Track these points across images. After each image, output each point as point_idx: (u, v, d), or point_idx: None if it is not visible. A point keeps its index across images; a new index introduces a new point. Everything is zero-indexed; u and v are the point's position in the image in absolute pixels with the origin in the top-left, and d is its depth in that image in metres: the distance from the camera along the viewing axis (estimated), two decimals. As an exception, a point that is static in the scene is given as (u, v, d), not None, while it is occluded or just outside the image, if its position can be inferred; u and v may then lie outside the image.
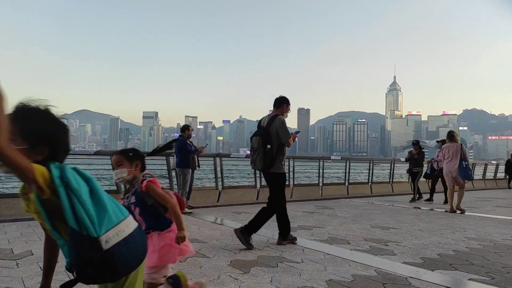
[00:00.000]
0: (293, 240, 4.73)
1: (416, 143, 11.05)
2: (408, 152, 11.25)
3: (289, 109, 4.82)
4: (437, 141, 10.18)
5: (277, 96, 4.87)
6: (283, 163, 4.68)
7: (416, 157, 10.67)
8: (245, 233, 4.45)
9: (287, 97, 4.85)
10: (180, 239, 2.18)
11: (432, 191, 10.57)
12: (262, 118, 4.83)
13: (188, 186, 7.52)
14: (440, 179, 10.10)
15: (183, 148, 7.46)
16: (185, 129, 7.83)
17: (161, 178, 8.60)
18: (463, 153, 8.24)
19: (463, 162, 8.17)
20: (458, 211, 8.07)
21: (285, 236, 4.70)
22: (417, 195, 10.45)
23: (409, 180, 10.71)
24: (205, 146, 8.38)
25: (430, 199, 10.37)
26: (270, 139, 4.53)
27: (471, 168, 9.62)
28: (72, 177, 1.30)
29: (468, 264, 3.85)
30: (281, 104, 4.78)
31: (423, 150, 10.77)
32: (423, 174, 10.80)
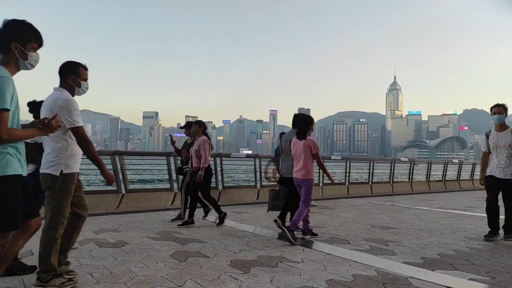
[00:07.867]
0: None
1: (187, 126, 6.42)
2: (185, 142, 6.61)
3: None
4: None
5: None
6: None
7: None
8: None
9: None
10: None
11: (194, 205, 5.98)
12: None
13: None
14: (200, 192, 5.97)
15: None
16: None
17: (161, 178, 8.60)
18: None
19: None
20: None
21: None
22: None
23: (182, 185, 6.36)
24: None
25: (189, 220, 5.78)
26: None
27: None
28: None
29: (468, 264, 3.84)
30: None
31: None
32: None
